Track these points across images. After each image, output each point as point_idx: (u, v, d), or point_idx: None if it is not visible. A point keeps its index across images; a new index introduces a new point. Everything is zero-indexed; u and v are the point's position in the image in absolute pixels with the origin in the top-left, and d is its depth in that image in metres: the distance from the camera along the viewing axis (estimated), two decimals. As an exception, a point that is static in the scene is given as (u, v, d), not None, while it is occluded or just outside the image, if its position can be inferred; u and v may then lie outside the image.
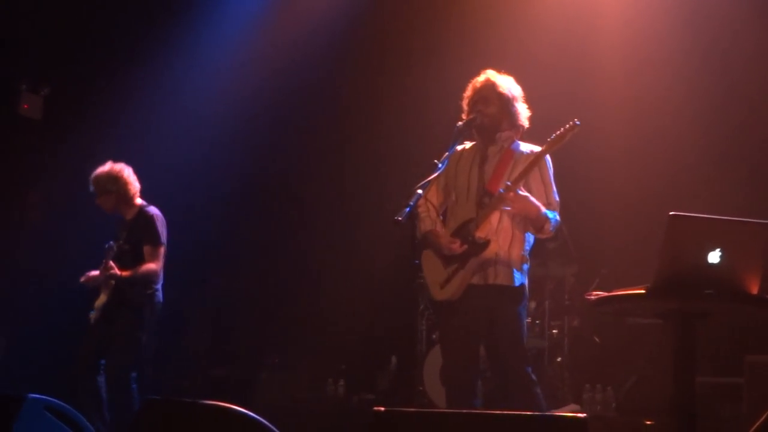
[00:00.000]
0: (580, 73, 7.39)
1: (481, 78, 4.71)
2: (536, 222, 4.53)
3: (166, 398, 3.51)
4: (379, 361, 8.05)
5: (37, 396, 3.63)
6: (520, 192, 4.44)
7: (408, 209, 4.17)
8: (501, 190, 4.46)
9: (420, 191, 4.27)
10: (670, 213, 3.42)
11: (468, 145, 4.78)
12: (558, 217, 4.60)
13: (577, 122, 4.46)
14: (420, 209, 4.69)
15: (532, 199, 4.48)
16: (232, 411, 3.18)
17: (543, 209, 4.50)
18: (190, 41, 8.09)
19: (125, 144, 7.97)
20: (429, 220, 4.73)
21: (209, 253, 8.57)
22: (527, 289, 4.67)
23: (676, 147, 7.17)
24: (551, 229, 4.56)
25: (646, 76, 7.25)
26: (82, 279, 5.95)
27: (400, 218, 4.16)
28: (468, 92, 4.73)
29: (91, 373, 5.79)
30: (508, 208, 4.48)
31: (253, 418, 3.14)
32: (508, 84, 4.69)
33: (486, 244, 4.50)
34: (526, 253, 4.65)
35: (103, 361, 5.84)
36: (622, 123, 7.27)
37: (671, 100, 7.14)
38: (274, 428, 3.11)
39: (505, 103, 4.65)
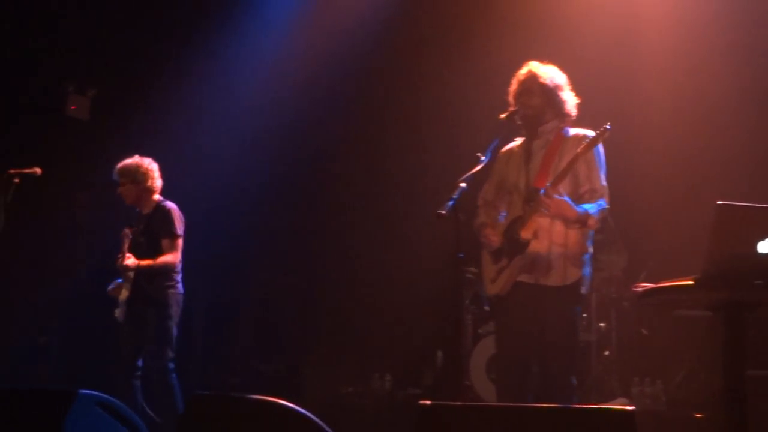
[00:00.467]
0: (624, 62, 7.31)
1: (523, 70, 4.69)
2: (576, 222, 4.49)
3: (213, 393, 3.54)
4: (424, 356, 8.04)
5: (89, 392, 3.67)
6: (557, 197, 4.40)
7: (451, 202, 4.18)
8: (542, 191, 4.44)
9: (463, 184, 4.27)
10: (718, 202, 3.37)
11: (518, 141, 4.76)
12: (605, 204, 4.54)
13: (608, 126, 4.44)
14: (479, 205, 4.76)
15: (570, 203, 4.44)
16: (280, 405, 3.20)
17: (580, 210, 4.44)
18: (234, 41, 8.15)
19: (171, 143, 8.06)
20: (483, 215, 4.75)
21: (253, 249, 8.63)
22: (586, 281, 4.60)
23: (723, 136, 7.06)
24: (595, 222, 4.51)
25: (691, 64, 7.14)
26: (110, 291, 6.06)
27: (443, 212, 4.17)
28: (513, 86, 4.71)
29: (128, 375, 5.88)
30: (546, 212, 4.46)
31: (300, 412, 3.15)
32: (550, 73, 4.65)
33: (526, 243, 4.47)
34: (587, 245, 4.59)
35: (140, 362, 5.92)
36: (667, 113, 7.19)
37: (718, 88, 7.03)
38: (321, 422, 3.12)
39: (548, 93, 4.62)
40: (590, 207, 4.49)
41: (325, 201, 8.78)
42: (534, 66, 4.68)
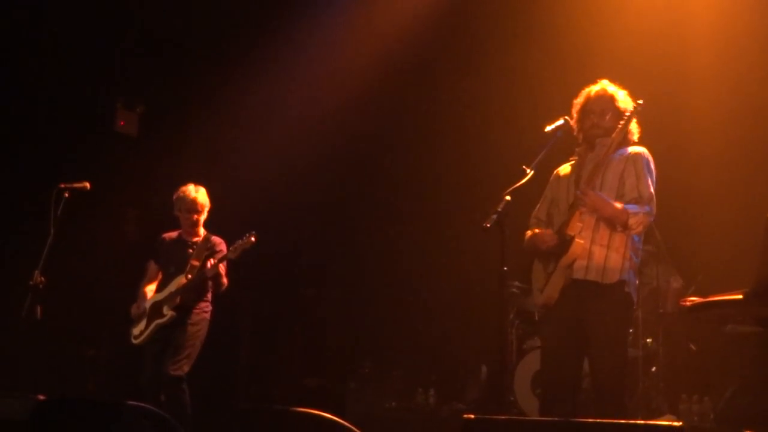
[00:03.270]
0: (675, 73, 7.23)
1: (596, 87, 4.69)
2: (614, 220, 4.45)
3: (258, 406, 3.56)
4: (469, 371, 8.01)
5: (136, 404, 3.71)
6: (594, 192, 4.39)
7: (496, 215, 4.17)
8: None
9: (508, 197, 4.26)
10: (769, 215, 3.33)
11: (571, 161, 4.75)
12: (649, 209, 4.49)
13: (641, 102, 4.45)
14: (531, 224, 4.77)
15: (605, 198, 4.42)
16: (324, 419, 3.20)
17: (618, 206, 4.41)
18: (281, 57, 8.19)
19: (218, 159, 8.14)
20: (536, 228, 4.73)
21: (301, 264, 8.67)
22: (632, 286, 4.53)
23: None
24: (636, 223, 4.45)
25: (744, 76, 7.02)
26: (136, 309, 6.19)
27: (488, 225, 4.16)
28: (580, 99, 4.70)
29: (155, 389, 5.95)
30: (583, 205, 4.44)
31: (344, 425, 3.15)
32: (625, 99, 4.65)
33: (571, 240, 4.44)
34: (630, 255, 4.53)
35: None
36: (719, 125, 7.09)
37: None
38: (365, 436, 3.12)
39: (619, 118, 4.61)
40: (632, 207, 4.45)
41: (370, 216, 8.80)
42: (609, 87, 4.68)
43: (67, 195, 5.69)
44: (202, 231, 6.31)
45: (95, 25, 7.80)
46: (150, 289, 6.30)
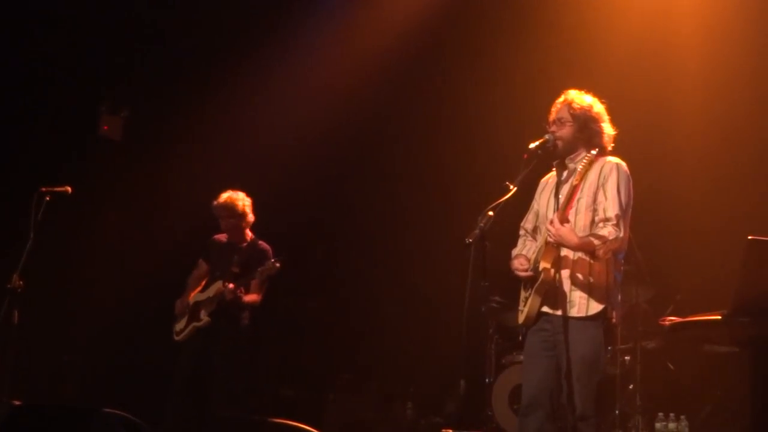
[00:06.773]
0: (654, 93, 7.26)
1: (560, 99, 4.62)
2: (580, 251, 4.41)
3: (234, 415, 3.55)
4: (447, 384, 8.00)
5: (111, 411, 3.69)
6: (559, 225, 4.33)
7: (478, 231, 4.17)
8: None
9: (491, 213, 4.25)
10: (749, 237, 3.35)
11: (553, 171, 4.72)
12: (615, 234, 4.38)
13: (594, 152, 4.40)
14: (519, 234, 4.75)
15: (568, 232, 4.33)
16: (300, 430, 3.20)
17: (582, 239, 4.34)
18: (267, 62, 8.18)
19: (201, 165, 8.12)
20: (520, 246, 4.71)
21: (279, 273, 8.63)
22: (615, 312, 4.51)
23: (757, 168, 6.98)
24: (605, 252, 4.37)
25: (728, 93, 7.02)
26: (180, 305, 6.19)
27: (470, 240, 4.16)
28: (550, 114, 4.66)
29: (188, 389, 5.92)
30: (551, 239, 4.40)
31: (322, 437, 3.15)
32: (584, 103, 4.56)
33: (539, 273, 4.40)
34: (614, 276, 4.47)
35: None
36: (699, 144, 7.12)
37: (754, 119, 6.95)
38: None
39: (581, 124, 4.54)
40: (595, 240, 4.39)
41: (350, 227, 8.78)
42: (569, 94, 4.60)
43: (48, 199, 5.66)
44: (248, 234, 6.33)
45: (79, 29, 7.77)
46: (195, 286, 6.34)
